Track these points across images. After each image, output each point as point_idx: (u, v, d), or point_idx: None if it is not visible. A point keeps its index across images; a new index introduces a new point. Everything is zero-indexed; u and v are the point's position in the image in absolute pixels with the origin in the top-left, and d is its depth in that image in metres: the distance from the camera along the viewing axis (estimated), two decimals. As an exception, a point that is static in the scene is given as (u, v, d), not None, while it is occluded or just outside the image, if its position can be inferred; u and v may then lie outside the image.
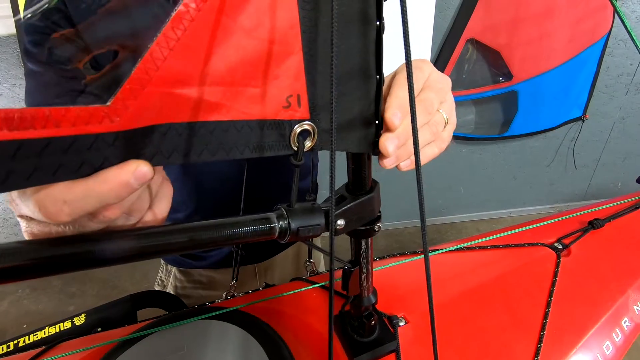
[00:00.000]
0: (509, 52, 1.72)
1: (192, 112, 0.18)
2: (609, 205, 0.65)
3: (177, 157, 0.19)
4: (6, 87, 1.63)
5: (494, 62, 1.77)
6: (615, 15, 1.71)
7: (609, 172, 2.27)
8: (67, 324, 0.53)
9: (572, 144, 2.12)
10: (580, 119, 2.01)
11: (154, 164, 0.18)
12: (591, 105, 1.97)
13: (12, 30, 1.50)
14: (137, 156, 0.17)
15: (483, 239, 0.59)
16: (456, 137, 1.98)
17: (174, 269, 0.74)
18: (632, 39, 0.38)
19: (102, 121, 0.16)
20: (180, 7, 0.17)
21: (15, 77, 1.61)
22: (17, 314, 1.83)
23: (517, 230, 0.60)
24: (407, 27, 0.20)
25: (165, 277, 0.75)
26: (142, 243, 0.20)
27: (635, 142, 2.15)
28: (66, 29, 0.42)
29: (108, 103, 0.16)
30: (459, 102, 1.88)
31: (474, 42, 1.72)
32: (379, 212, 0.34)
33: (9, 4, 1.43)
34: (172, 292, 0.73)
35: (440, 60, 1.73)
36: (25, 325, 1.78)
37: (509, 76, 1.79)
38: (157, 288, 0.77)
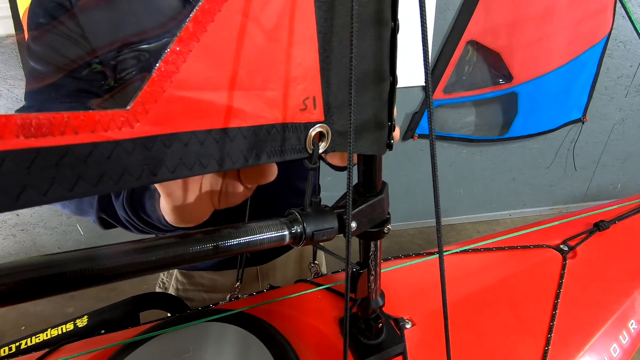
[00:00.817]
0: (509, 53, 1.72)
1: (213, 118, 0.18)
2: (615, 206, 0.65)
3: (199, 168, 0.18)
4: (5, 88, 1.62)
5: (494, 63, 1.78)
6: (616, 16, 1.72)
7: (608, 174, 2.28)
8: (70, 326, 0.53)
9: (572, 145, 2.12)
10: (580, 120, 2.01)
11: (175, 176, 0.17)
12: (591, 107, 1.98)
13: (11, 30, 1.49)
14: (159, 167, 0.17)
15: (488, 241, 0.58)
16: (456, 139, 1.98)
17: (175, 271, 0.73)
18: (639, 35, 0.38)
19: (122, 127, 0.15)
20: (199, 7, 0.16)
21: (14, 77, 1.60)
22: (15, 316, 1.82)
23: (522, 232, 0.60)
24: (426, 29, 0.20)
25: (167, 279, 0.75)
26: (151, 257, 0.20)
27: (634, 144, 2.16)
28: (71, 26, 0.42)
29: (128, 107, 0.15)
30: (459, 104, 1.89)
31: (474, 44, 1.73)
32: (388, 213, 0.33)
33: (7, 4, 1.43)
34: (173, 295, 0.73)
35: (440, 62, 1.73)
36: (23, 327, 1.77)
37: (509, 78, 1.79)
38: (158, 290, 0.76)
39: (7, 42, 1.52)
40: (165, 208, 0.34)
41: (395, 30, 0.23)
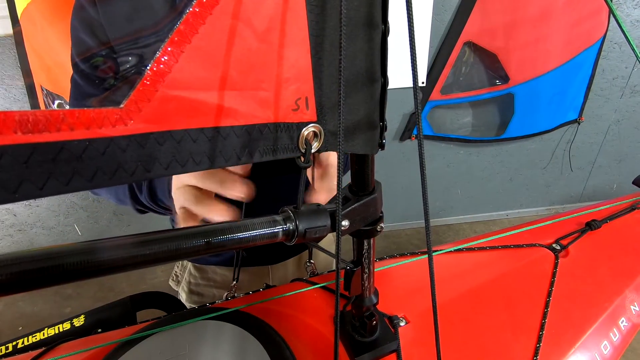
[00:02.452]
0: (505, 55, 1.74)
1: (205, 117, 0.18)
2: (606, 206, 0.66)
3: (192, 165, 0.19)
4: (2, 88, 1.62)
5: (491, 64, 1.79)
6: (611, 18, 1.73)
7: (604, 174, 2.29)
8: (67, 325, 0.53)
9: (568, 146, 2.14)
10: (576, 121, 2.03)
11: (169, 173, 0.18)
12: (587, 108, 1.99)
13: (9, 30, 1.49)
14: (153, 164, 0.17)
15: (482, 240, 0.59)
16: (454, 140, 1.99)
17: (189, 265, 0.74)
18: (629, 41, 0.39)
19: (116, 124, 0.16)
20: (191, 9, 0.17)
21: (12, 77, 1.60)
22: (12, 316, 1.81)
23: (515, 231, 0.61)
24: (413, 31, 0.20)
25: (181, 272, 0.76)
26: (151, 249, 0.20)
27: (630, 145, 2.17)
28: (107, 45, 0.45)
29: (121, 105, 0.16)
30: (456, 105, 1.90)
31: (471, 45, 1.74)
32: (381, 212, 0.34)
33: (5, 4, 1.43)
34: (185, 289, 0.74)
35: (437, 63, 1.74)
36: (20, 328, 1.77)
37: (505, 79, 1.80)
38: (171, 283, 0.77)
39: (4, 41, 1.52)
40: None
41: (385, 32, 0.24)
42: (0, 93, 1.62)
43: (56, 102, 1.54)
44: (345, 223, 0.29)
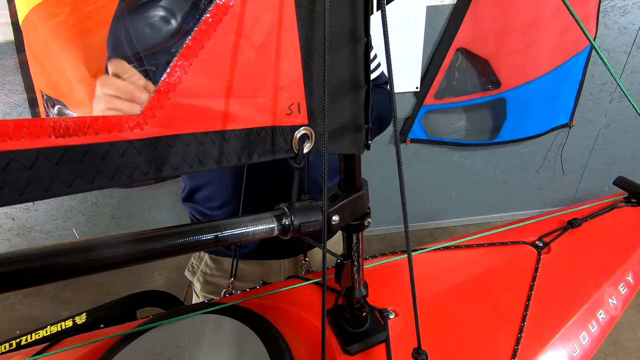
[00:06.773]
0: (497, 60, 1.78)
1: (210, 122, 0.21)
2: (588, 205, 0.69)
3: (198, 165, 0.21)
4: (2, 94, 1.64)
5: (483, 70, 1.83)
6: (599, 25, 1.78)
7: (595, 177, 2.33)
8: (69, 323, 0.55)
9: (560, 149, 2.17)
10: (567, 125, 2.07)
11: (178, 173, 0.20)
12: (577, 112, 2.03)
13: (10, 37, 1.51)
14: (164, 164, 0.20)
15: (469, 238, 0.62)
16: (448, 143, 2.03)
17: (206, 256, 0.77)
18: (602, 59, 0.42)
19: (134, 129, 0.18)
20: (198, 27, 0.20)
21: (12, 83, 1.62)
22: (10, 320, 1.82)
23: (501, 229, 0.64)
24: (388, 40, 0.23)
25: (197, 263, 0.79)
26: (157, 245, 0.22)
27: (620, 148, 2.22)
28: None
29: (138, 112, 0.18)
30: (450, 109, 1.94)
31: (463, 51, 1.78)
32: (368, 207, 0.37)
33: (7, 12, 1.45)
34: (201, 279, 0.77)
35: (431, 69, 1.78)
36: (18, 332, 1.77)
37: (497, 84, 1.84)
38: (187, 274, 0.80)
39: (5, 48, 1.55)
40: None
41: (368, 44, 0.27)
42: (1, 99, 1.64)
43: (56, 107, 1.56)
44: (335, 218, 0.32)
